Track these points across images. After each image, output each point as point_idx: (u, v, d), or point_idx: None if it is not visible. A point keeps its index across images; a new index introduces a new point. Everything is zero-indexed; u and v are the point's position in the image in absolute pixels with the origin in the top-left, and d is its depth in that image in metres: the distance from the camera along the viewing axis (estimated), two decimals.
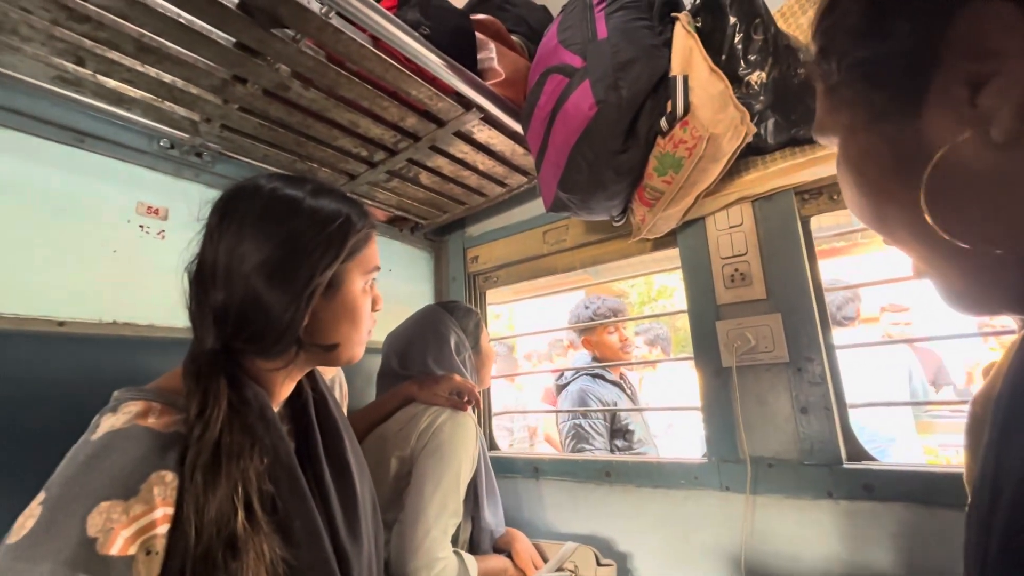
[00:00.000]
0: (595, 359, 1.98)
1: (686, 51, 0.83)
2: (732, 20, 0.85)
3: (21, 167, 0.84)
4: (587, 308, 1.99)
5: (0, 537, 0.42)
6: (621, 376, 1.96)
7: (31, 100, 0.85)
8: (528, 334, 4.85)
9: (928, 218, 0.26)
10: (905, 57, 0.26)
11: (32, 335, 0.81)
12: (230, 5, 0.68)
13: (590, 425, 1.77)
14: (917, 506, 0.82)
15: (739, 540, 0.97)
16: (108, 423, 0.48)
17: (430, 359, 1.10)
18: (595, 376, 1.89)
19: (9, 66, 0.77)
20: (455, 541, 1.03)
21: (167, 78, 0.81)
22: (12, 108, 0.83)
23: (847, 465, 0.89)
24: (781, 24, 0.90)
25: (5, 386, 0.77)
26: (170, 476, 0.47)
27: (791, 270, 0.97)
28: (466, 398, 1.04)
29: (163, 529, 0.45)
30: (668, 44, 0.85)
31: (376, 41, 0.79)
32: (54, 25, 0.68)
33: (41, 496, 0.43)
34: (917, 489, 0.82)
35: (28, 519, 0.42)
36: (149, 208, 1.00)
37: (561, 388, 1.98)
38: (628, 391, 1.95)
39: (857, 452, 0.91)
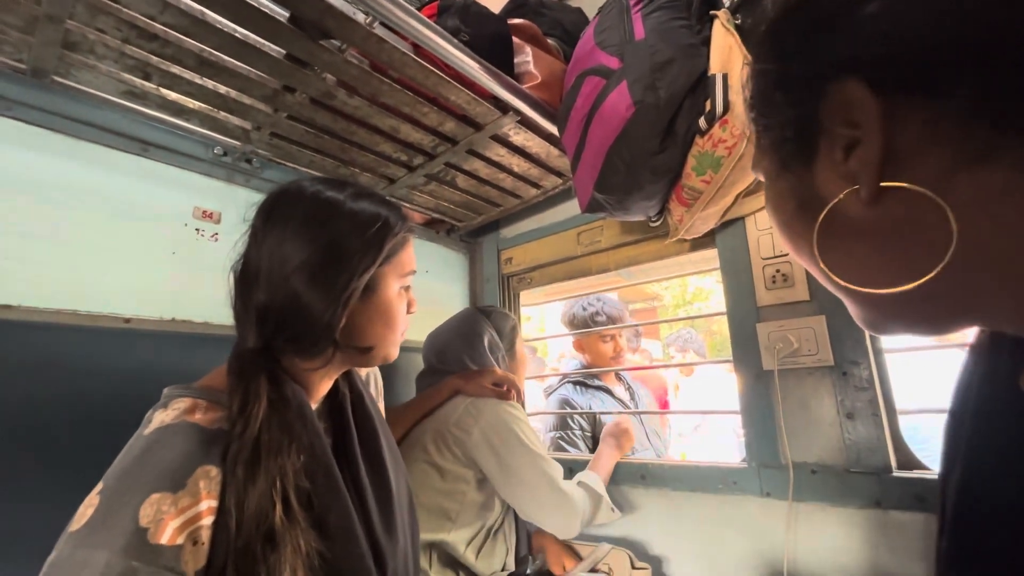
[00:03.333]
0: (583, 364, 1.86)
1: (725, 49, 0.82)
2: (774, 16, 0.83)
3: (93, 175, 0.92)
4: (584, 309, 1.84)
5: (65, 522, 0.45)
6: (619, 379, 1.85)
7: (103, 113, 0.92)
8: (548, 337, 4.83)
9: (820, 263, 0.31)
10: (795, 121, 0.31)
11: (103, 331, 0.88)
12: (282, 19, 0.72)
13: (571, 435, 1.65)
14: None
15: (780, 548, 0.94)
16: (159, 419, 0.51)
17: (465, 358, 1.14)
18: (577, 383, 1.76)
19: (85, 82, 0.83)
20: (491, 533, 1.05)
21: (223, 89, 0.86)
22: (86, 121, 0.90)
23: (897, 474, 0.85)
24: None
25: (79, 378, 0.84)
26: (215, 471, 0.49)
27: None
28: (507, 387, 1.08)
29: (208, 521, 0.47)
30: (707, 43, 0.84)
31: (417, 49, 0.81)
32: (125, 43, 0.74)
33: (100, 486, 0.46)
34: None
35: (88, 508, 0.44)
36: (204, 212, 1.06)
37: (549, 394, 1.86)
38: (627, 394, 1.82)
39: (908, 460, 0.87)
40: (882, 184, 0.27)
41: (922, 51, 0.25)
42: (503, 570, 1.06)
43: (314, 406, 0.64)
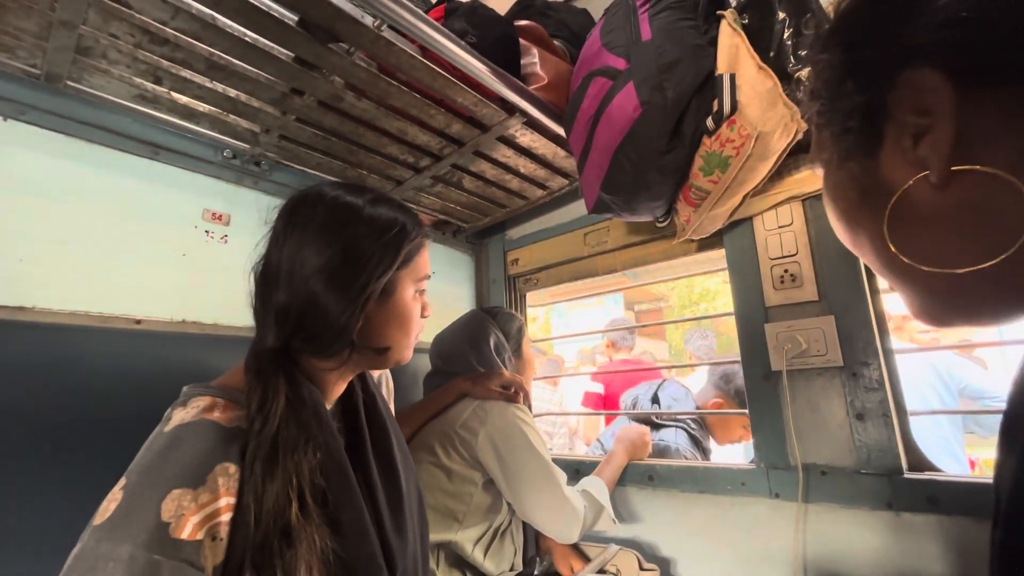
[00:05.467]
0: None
1: (732, 49, 0.81)
2: (781, 16, 0.83)
3: (105, 178, 0.93)
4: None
5: (87, 516, 0.46)
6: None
7: (115, 117, 0.93)
8: (569, 336, 4.84)
9: (891, 246, 0.31)
10: (862, 109, 0.31)
11: (114, 332, 0.89)
12: (290, 23, 0.72)
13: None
14: (989, 521, 0.77)
15: (790, 550, 0.94)
16: (178, 416, 0.52)
17: (472, 360, 1.14)
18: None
19: (98, 87, 0.84)
20: (499, 534, 1.05)
21: (232, 93, 0.87)
22: (99, 125, 0.92)
23: (908, 475, 0.85)
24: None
25: (92, 378, 0.85)
26: (233, 468, 0.50)
27: (845, 271, 0.94)
28: (513, 390, 1.08)
29: (227, 517, 0.48)
30: (714, 43, 0.84)
31: (425, 51, 0.82)
32: (137, 48, 0.75)
33: (122, 482, 0.47)
34: (989, 503, 0.77)
35: (111, 503, 0.45)
36: (214, 215, 1.07)
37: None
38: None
39: (919, 462, 0.87)
40: (953, 168, 0.27)
41: (998, 39, 0.25)
42: (511, 570, 1.07)
43: (328, 407, 0.64)
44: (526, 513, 1.02)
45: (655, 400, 1.64)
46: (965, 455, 1.79)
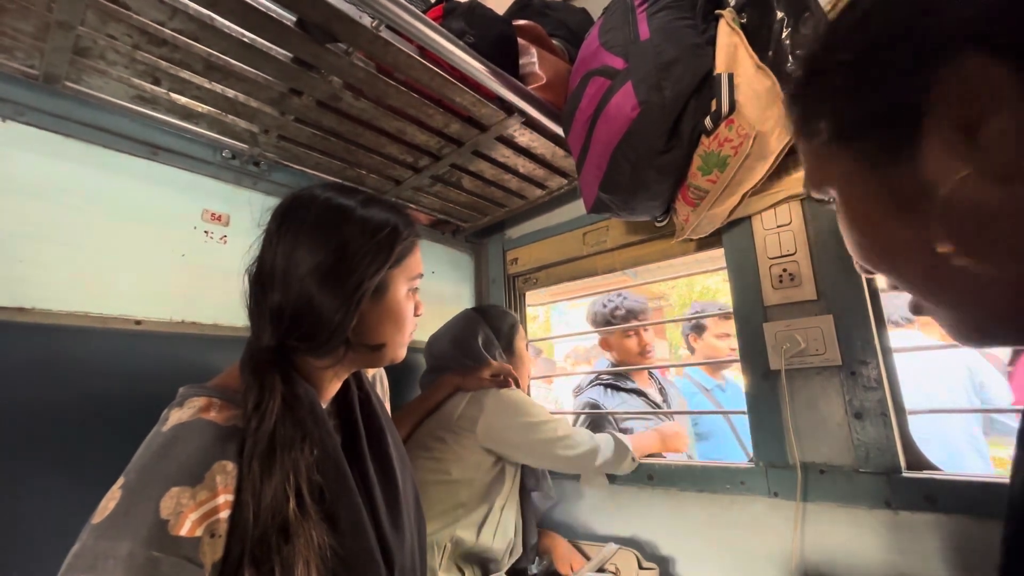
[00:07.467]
0: (614, 364, 1.82)
1: (731, 48, 0.82)
2: (779, 15, 0.83)
3: (104, 179, 0.93)
4: (604, 306, 1.82)
5: (87, 516, 0.46)
6: (652, 377, 1.81)
7: (113, 118, 0.93)
8: (558, 337, 4.83)
9: (943, 247, 0.28)
10: (893, 110, 0.29)
11: (114, 333, 0.89)
12: (288, 23, 0.72)
13: None
14: (986, 520, 0.77)
15: (789, 548, 0.94)
16: (176, 416, 0.52)
17: (461, 356, 1.16)
18: (608, 385, 1.69)
19: (96, 88, 0.85)
20: (497, 525, 1.06)
21: (231, 93, 0.87)
22: (97, 126, 0.92)
23: (907, 474, 0.85)
24: (833, 17, 0.87)
25: (92, 379, 0.85)
26: (230, 466, 0.50)
27: (843, 270, 0.94)
28: (503, 377, 1.10)
29: (225, 514, 0.49)
30: (712, 42, 0.84)
31: (423, 51, 0.82)
32: (135, 49, 0.75)
33: (121, 481, 0.48)
34: (986, 501, 0.77)
35: (110, 501, 0.46)
36: (213, 215, 1.07)
37: (577, 395, 1.78)
38: (660, 395, 1.78)
39: (918, 461, 0.87)
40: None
41: None
42: (510, 551, 1.07)
43: (324, 405, 0.65)
44: (549, 468, 1.13)
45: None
46: (988, 453, 1.79)
